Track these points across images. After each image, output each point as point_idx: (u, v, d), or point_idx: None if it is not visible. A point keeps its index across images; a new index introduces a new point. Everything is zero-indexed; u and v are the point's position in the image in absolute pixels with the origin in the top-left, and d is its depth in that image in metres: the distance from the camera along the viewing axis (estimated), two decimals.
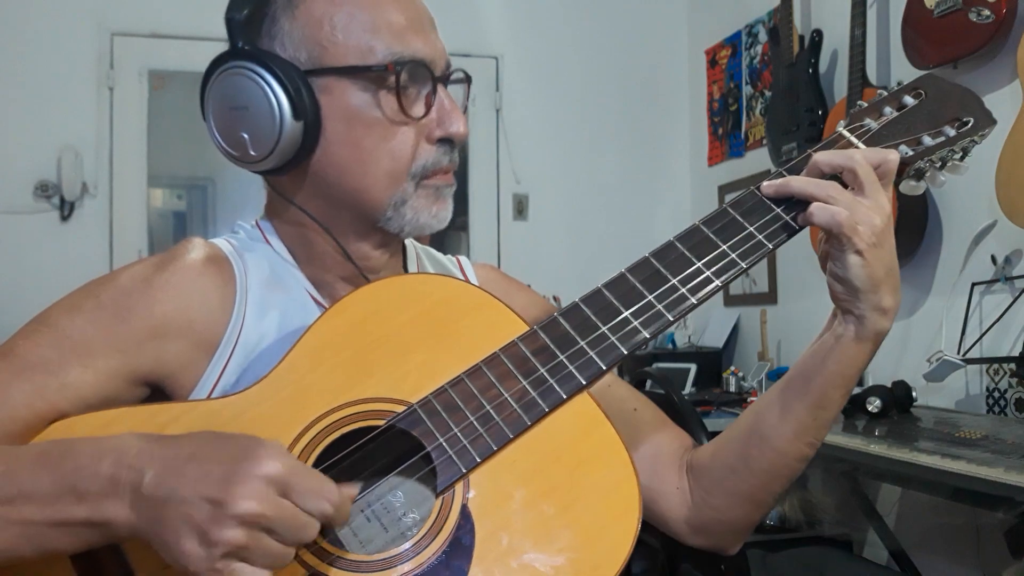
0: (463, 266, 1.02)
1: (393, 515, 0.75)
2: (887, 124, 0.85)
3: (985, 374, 2.13)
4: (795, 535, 2.46)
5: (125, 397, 0.80)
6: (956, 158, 0.86)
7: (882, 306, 0.78)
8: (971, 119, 0.84)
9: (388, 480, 0.76)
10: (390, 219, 0.85)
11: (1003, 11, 2.03)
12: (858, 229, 0.76)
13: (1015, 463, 1.45)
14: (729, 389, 2.95)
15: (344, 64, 0.82)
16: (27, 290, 3.04)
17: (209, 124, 0.86)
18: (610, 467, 0.72)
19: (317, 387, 0.75)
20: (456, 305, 0.79)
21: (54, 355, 0.76)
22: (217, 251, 0.87)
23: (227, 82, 0.83)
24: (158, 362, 0.80)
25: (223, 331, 0.83)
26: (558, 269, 3.48)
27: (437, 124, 0.85)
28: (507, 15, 3.56)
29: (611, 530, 0.70)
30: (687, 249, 0.79)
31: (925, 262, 2.37)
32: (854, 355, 0.80)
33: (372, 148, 0.83)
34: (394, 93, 0.82)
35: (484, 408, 0.73)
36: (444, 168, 0.86)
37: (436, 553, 0.69)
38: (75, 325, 0.78)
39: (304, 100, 0.81)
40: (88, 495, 0.64)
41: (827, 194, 0.77)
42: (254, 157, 0.84)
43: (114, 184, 3.28)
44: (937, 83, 0.88)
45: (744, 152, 3.34)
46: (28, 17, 3.19)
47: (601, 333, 0.76)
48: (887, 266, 0.77)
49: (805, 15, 2.93)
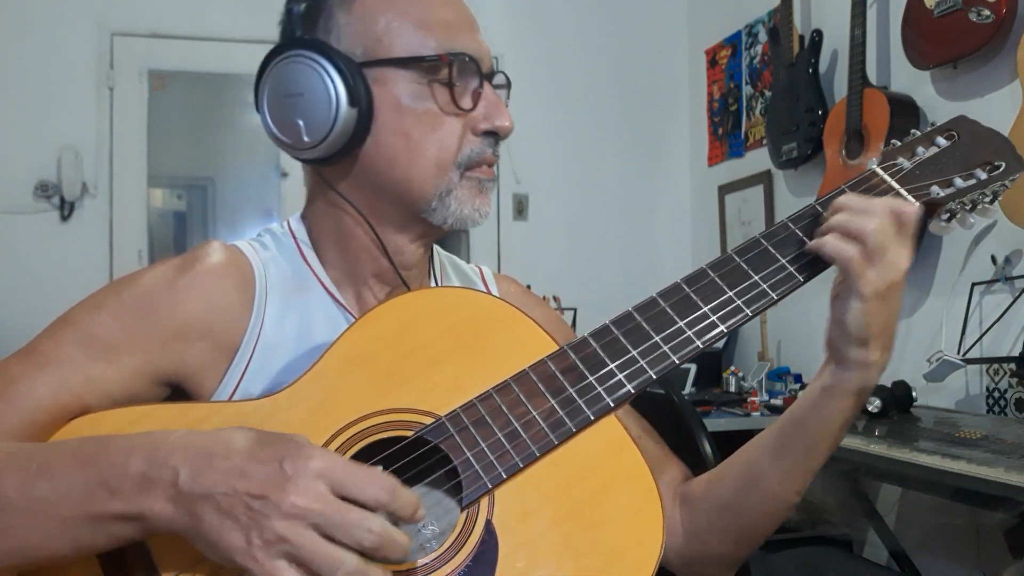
0: (485, 277, 1.03)
1: (412, 526, 0.75)
2: (920, 164, 0.85)
3: (985, 374, 2.13)
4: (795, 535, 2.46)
5: (148, 395, 0.81)
6: (986, 201, 0.86)
7: (868, 360, 0.78)
8: (1003, 163, 0.85)
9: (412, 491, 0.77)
10: (435, 210, 0.86)
11: (1003, 11, 2.03)
12: (867, 274, 0.75)
13: (1015, 463, 1.45)
14: (729, 389, 2.95)
15: (398, 56, 0.85)
16: (27, 290, 3.04)
17: (263, 112, 0.87)
18: (635, 490, 0.72)
19: (346, 395, 0.75)
20: (486, 320, 0.79)
21: (78, 351, 0.77)
22: (238, 255, 0.88)
23: (285, 70, 0.85)
24: (179, 363, 0.81)
25: (243, 334, 0.84)
26: (558, 269, 3.48)
27: (483, 118, 0.87)
28: (507, 15, 3.55)
29: (634, 551, 0.70)
30: (718, 277, 0.80)
31: (925, 262, 2.37)
32: (840, 408, 0.80)
33: (420, 138, 0.85)
34: (446, 85, 0.85)
35: (512, 425, 0.73)
36: (488, 160, 0.88)
37: (460, 567, 0.69)
38: (98, 323, 0.79)
39: (359, 88, 0.83)
40: (122, 490, 0.65)
41: (860, 227, 0.76)
42: (307, 144, 0.85)
43: (114, 184, 3.28)
44: (970, 126, 0.88)
45: (744, 152, 3.34)
46: (28, 17, 3.19)
47: (631, 357, 0.77)
48: (883, 324, 0.77)
49: (805, 15, 2.93)
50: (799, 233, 0.81)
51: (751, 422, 2.60)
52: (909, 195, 0.82)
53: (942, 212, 0.85)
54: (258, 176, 3.68)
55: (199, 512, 0.63)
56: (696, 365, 3.04)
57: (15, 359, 0.77)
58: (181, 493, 0.63)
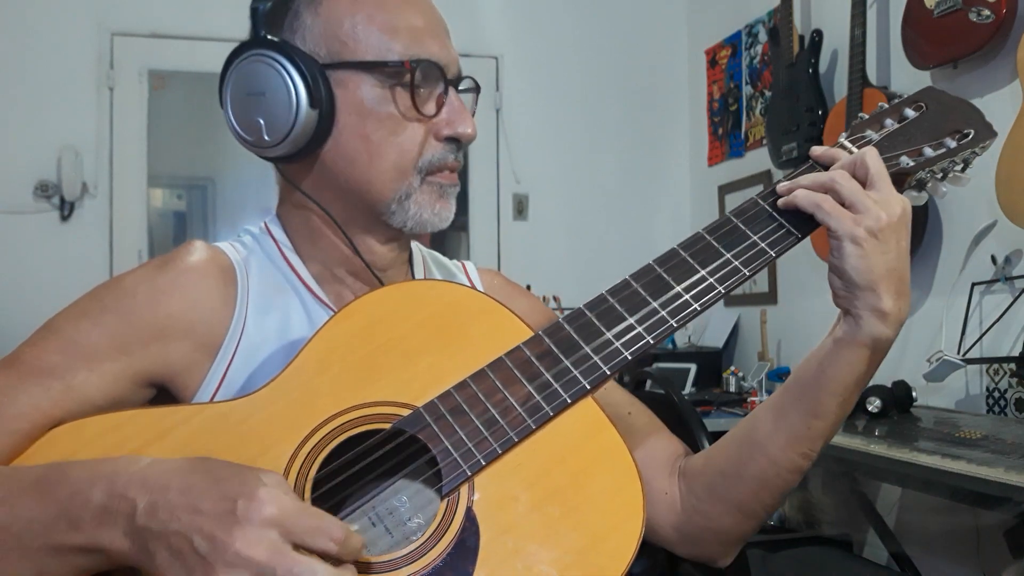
0: (468, 271, 1.03)
1: (397, 519, 0.76)
2: (888, 136, 0.85)
3: (985, 374, 2.13)
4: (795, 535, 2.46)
5: (132, 398, 0.81)
6: (957, 169, 0.86)
7: (880, 307, 0.75)
8: (971, 131, 0.85)
9: (393, 484, 0.77)
10: (394, 213, 0.87)
11: (1003, 11, 2.03)
12: (853, 216, 0.75)
13: (1015, 463, 1.45)
14: (729, 389, 2.95)
15: (362, 59, 0.85)
16: (27, 290, 3.04)
17: (226, 109, 0.88)
18: (614, 471, 0.72)
19: (324, 391, 0.75)
20: (462, 311, 0.79)
21: (60, 360, 0.77)
22: (219, 254, 0.88)
23: (247, 68, 0.85)
24: (162, 363, 0.81)
25: (225, 333, 0.84)
26: (558, 269, 3.48)
27: (446, 124, 0.87)
28: (507, 15, 3.55)
29: (615, 533, 0.70)
30: (690, 256, 0.80)
31: (925, 262, 2.37)
32: (851, 361, 0.77)
33: (381, 141, 0.85)
34: (408, 90, 0.85)
35: (489, 412, 0.74)
36: (450, 165, 0.88)
37: (441, 555, 0.69)
38: (80, 330, 0.79)
39: (321, 90, 0.84)
40: (82, 523, 0.64)
41: (830, 179, 0.77)
42: (267, 143, 0.86)
43: (114, 184, 3.28)
44: (938, 96, 0.88)
45: (744, 152, 3.34)
46: (28, 17, 3.19)
47: (606, 339, 0.77)
48: (888, 265, 0.74)
49: (805, 15, 2.93)
50: (769, 208, 0.81)
51: None
52: None
53: (911, 181, 0.85)
54: (258, 176, 3.67)
55: (151, 549, 0.62)
56: (696, 365, 3.05)
57: None
58: (137, 528, 0.63)
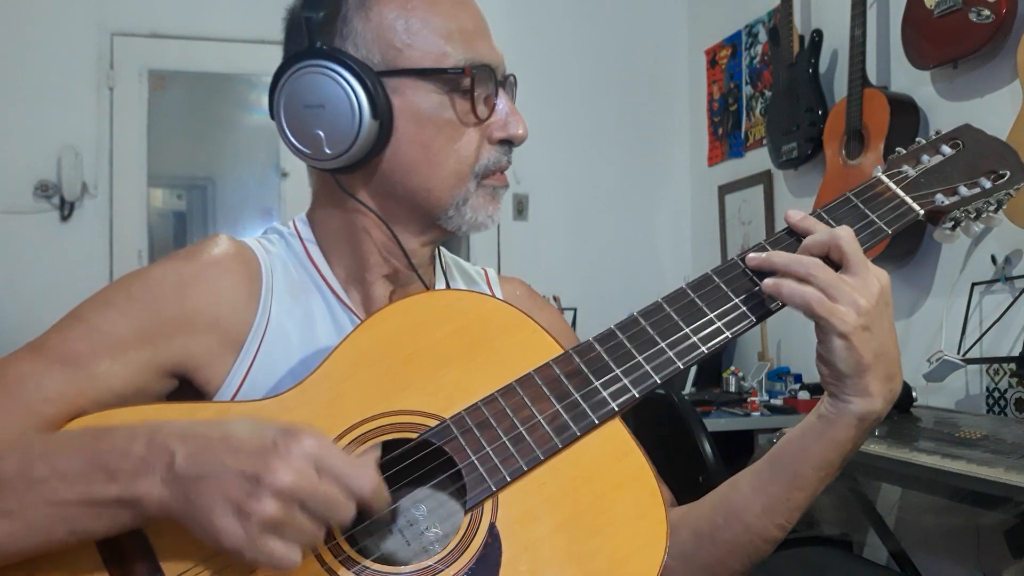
0: (490, 279, 1.03)
1: (416, 529, 0.76)
2: (925, 172, 0.85)
3: (985, 374, 2.13)
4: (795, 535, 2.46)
5: (155, 388, 0.81)
6: (991, 210, 0.86)
7: (870, 392, 0.75)
8: (1007, 172, 0.85)
9: (414, 494, 0.76)
10: (451, 218, 0.87)
11: (1003, 11, 2.03)
12: (838, 310, 0.73)
13: (1015, 463, 1.45)
14: (729, 389, 2.95)
15: (419, 66, 0.84)
16: (27, 290, 3.04)
17: (279, 120, 0.86)
18: (638, 495, 0.72)
19: (351, 396, 0.75)
20: (492, 323, 0.79)
21: (85, 348, 0.78)
22: (245, 249, 0.88)
23: (303, 80, 0.83)
24: (186, 355, 0.82)
25: (249, 329, 0.84)
26: (558, 269, 3.48)
27: (500, 126, 0.87)
28: (508, 15, 3.55)
29: (637, 558, 0.70)
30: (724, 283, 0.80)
31: (925, 262, 2.37)
32: (836, 439, 0.77)
33: (440, 148, 0.85)
34: (467, 96, 0.85)
35: (516, 428, 0.73)
36: (503, 167, 0.89)
37: (463, 569, 0.69)
38: (106, 319, 0.80)
39: (381, 99, 0.83)
40: (120, 473, 0.65)
41: (807, 272, 0.74)
42: (328, 155, 0.84)
43: (114, 184, 3.28)
44: (975, 134, 0.88)
45: (744, 152, 3.34)
46: (28, 17, 3.19)
47: (636, 362, 0.77)
48: (876, 350, 0.74)
49: (805, 15, 2.93)
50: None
51: (751, 422, 2.60)
52: (914, 203, 0.82)
53: (946, 220, 0.85)
54: (258, 176, 3.68)
55: (192, 495, 0.63)
56: (696, 365, 3.04)
57: (23, 354, 0.77)
58: (176, 476, 0.64)
